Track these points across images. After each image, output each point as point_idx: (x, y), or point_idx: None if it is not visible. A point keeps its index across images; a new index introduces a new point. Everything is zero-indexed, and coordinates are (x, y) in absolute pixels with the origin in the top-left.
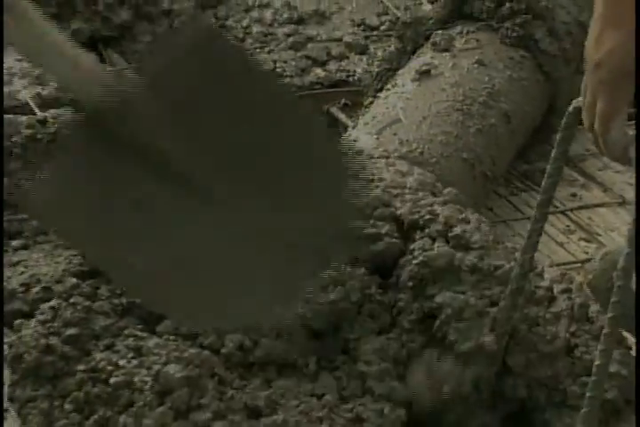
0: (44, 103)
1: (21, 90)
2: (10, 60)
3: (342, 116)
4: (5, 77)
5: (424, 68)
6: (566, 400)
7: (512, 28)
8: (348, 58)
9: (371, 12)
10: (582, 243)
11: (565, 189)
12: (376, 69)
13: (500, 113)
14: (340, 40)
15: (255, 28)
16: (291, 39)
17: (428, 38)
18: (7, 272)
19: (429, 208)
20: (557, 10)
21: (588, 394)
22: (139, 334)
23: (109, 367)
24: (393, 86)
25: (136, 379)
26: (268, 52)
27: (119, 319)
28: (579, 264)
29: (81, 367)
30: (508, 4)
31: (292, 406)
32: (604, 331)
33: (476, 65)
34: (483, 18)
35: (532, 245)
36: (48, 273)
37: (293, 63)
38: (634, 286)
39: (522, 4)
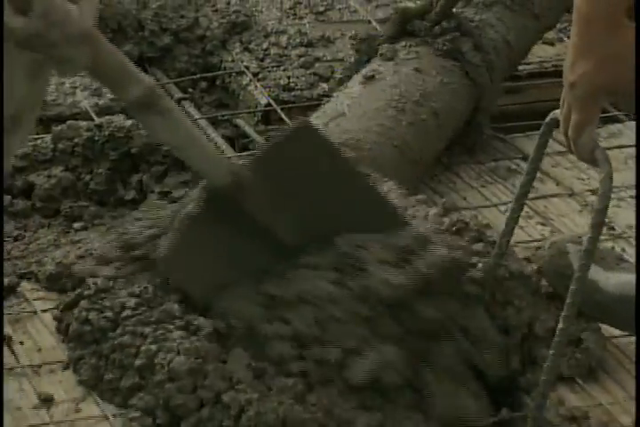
0: (101, 111)
1: (82, 100)
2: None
3: None
4: (69, 90)
5: (370, 73)
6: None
7: (443, 43)
8: None
9: None
10: (539, 226)
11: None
12: (338, 75)
13: (430, 110)
14: (342, 60)
15: (273, 50)
16: (301, 59)
17: (377, 51)
18: (67, 248)
19: None
20: (487, 28)
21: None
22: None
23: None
24: (345, 88)
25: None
26: (283, 70)
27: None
28: (535, 242)
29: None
30: (442, 24)
31: None
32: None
33: (413, 71)
34: (422, 35)
35: (509, 231)
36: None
37: (303, 79)
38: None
39: (452, 23)
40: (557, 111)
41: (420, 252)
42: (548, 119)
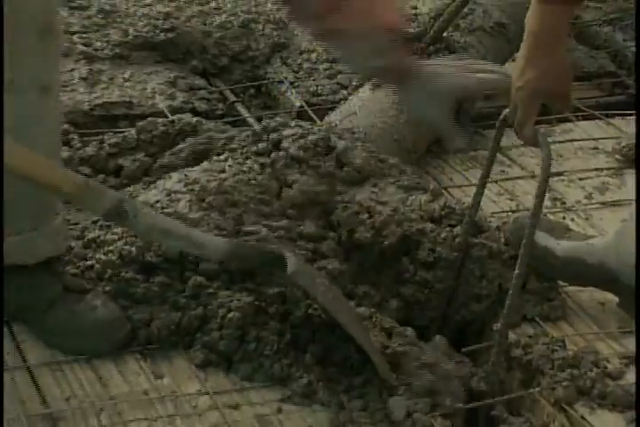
0: (173, 110)
1: (159, 102)
2: (153, 83)
3: None
4: (150, 94)
5: (377, 82)
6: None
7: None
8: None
9: None
10: (508, 201)
11: (497, 167)
12: (354, 83)
13: None
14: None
15: (305, 65)
16: (327, 72)
17: None
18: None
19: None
20: (469, 49)
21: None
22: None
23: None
24: (357, 93)
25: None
26: (313, 80)
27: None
28: (505, 213)
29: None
30: (435, 45)
31: None
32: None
33: None
34: (419, 53)
35: (477, 202)
36: None
37: (328, 87)
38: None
39: (443, 44)
40: (507, 110)
41: None
42: (501, 116)
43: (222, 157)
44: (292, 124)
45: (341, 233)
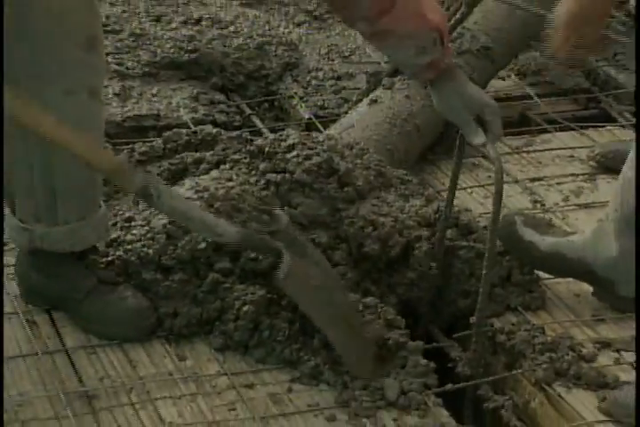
0: (196, 122)
1: (184, 115)
2: (178, 98)
3: None
4: (174, 108)
5: (374, 98)
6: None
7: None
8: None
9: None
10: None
11: (484, 173)
12: (354, 99)
13: (414, 125)
14: (359, 89)
15: (313, 82)
16: (332, 88)
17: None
18: None
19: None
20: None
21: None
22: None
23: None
24: (356, 107)
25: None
26: (320, 95)
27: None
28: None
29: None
30: None
31: None
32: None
33: (404, 97)
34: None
35: (450, 201)
36: None
37: (334, 101)
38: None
39: None
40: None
41: None
42: (459, 132)
43: (228, 166)
44: (297, 140)
45: (351, 246)
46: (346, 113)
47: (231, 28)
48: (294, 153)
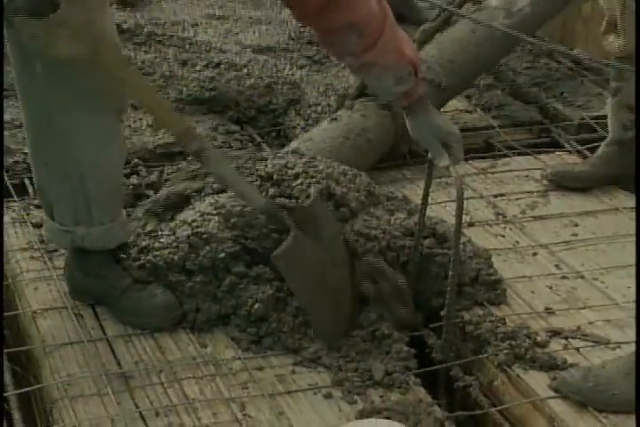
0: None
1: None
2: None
3: None
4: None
5: (335, 116)
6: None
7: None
8: None
9: None
10: (464, 216)
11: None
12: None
13: (366, 139)
14: None
15: (313, 115)
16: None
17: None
18: None
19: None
20: None
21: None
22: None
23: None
24: (319, 125)
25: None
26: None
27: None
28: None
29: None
30: None
31: None
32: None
33: (360, 116)
34: (372, 95)
35: (422, 214)
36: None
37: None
38: None
39: None
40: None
41: None
42: (428, 157)
43: None
44: (301, 170)
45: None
46: (304, 129)
47: (245, 71)
48: (299, 181)
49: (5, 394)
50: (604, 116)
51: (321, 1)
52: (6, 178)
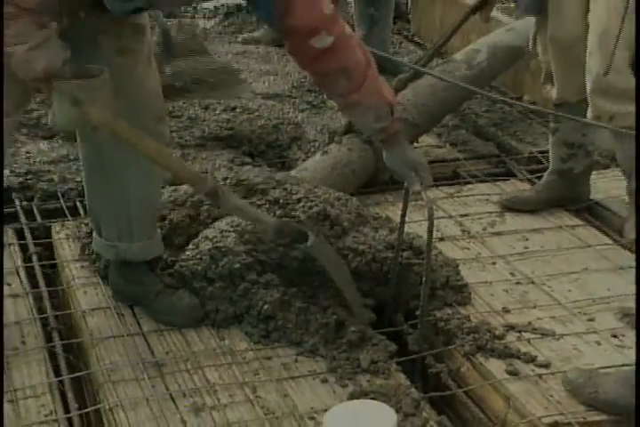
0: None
1: (223, 172)
2: (219, 160)
3: None
4: (217, 167)
5: (326, 150)
6: None
7: (366, 136)
8: None
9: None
10: (435, 232)
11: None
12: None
13: (350, 169)
14: None
15: (312, 149)
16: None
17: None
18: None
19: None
20: None
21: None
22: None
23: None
24: (314, 157)
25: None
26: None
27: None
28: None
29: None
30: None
31: None
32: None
33: (347, 149)
34: (358, 132)
35: (401, 231)
36: None
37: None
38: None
39: None
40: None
41: None
42: (405, 185)
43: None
44: (302, 195)
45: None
46: (304, 161)
47: (256, 113)
48: (301, 204)
49: (61, 378)
50: (548, 151)
51: (319, 50)
52: (62, 201)
